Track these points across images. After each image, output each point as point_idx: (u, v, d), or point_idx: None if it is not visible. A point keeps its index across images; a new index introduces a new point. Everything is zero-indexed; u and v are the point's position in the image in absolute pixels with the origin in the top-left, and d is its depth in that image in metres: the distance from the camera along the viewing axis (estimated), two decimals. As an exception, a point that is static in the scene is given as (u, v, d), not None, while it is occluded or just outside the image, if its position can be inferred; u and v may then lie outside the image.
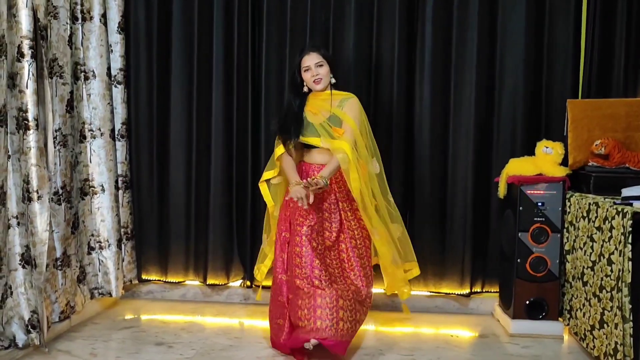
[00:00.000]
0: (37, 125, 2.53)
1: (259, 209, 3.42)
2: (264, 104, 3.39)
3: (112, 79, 3.25)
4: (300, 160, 2.93)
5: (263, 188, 2.96)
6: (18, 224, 2.56)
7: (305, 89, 2.88)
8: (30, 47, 2.49)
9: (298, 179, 2.74)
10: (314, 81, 2.82)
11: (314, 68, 2.80)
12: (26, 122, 2.51)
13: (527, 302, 3.00)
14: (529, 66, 3.27)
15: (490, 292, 3.40)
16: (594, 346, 2.60)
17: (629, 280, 2.26)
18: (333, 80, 2.86)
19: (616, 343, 2.36)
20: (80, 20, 3.00)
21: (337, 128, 2.79)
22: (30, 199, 2.54)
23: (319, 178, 2.64)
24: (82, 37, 3.03)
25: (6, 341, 2.55)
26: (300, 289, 2.60)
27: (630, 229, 2.26)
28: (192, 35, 3.41)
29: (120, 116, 3.33)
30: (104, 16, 3.13)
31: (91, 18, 3.07)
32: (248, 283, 3.52)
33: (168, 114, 3.46)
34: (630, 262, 2.26)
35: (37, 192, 2.54)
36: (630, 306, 2.27)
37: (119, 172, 3.32)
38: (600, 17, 3.18)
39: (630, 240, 2.26)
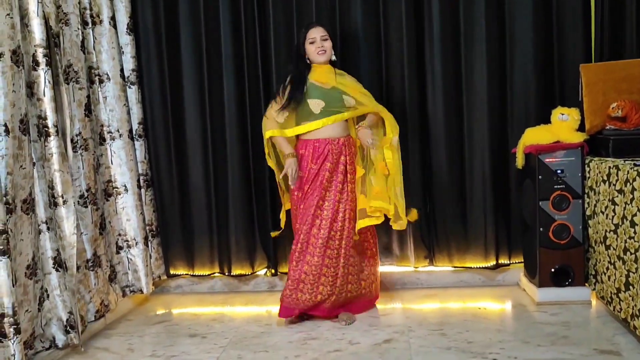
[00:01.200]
0: (57, 132, 2.59)
1: (277, 197, 3.46)
2: (274, 90, 3.40)
3: (126, 80, 3.30)
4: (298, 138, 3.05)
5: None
6: (48, 228, 2.63)
7: (307, 61, 3.01)
8: (45, 55, 2.53)
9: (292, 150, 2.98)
10: (317, 52, 2.95)
11: (320, 41, 2.94)
12: (46, 129, 2.56)
13: (553, 269, 3.01)
14: (538, 33, 3.25)
15: (515, 263, 3.42)
16: (621, 309, 2.61)
17: (654, 240, 2.26)
18: (334, 57, 3.01)
19: (643, 304, 2.37)
20: (90, 25, 3.05)
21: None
22: (56, 204, 2.60)
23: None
24: (94, 41, 3.08)
25: (47, 342, 2.64)
26: None
27: (652, 189, 2.26)
28: (200, 29, 3.43)
29: (137, 116, 3.37)
30: (112, 19, 3.17)
31: (101, 21, 3.11)
32: (272, 271, 3.57)
33: (182, 110, 3.50)
34: (653, 223, 2.26)
35: (62, 197, 2.60)
36: (657, 266, 2.28)
37: (140, 171, 3.38)
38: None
39: (653, 200, 2.26)
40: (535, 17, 3.24)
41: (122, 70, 3.24)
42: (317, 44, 2.95)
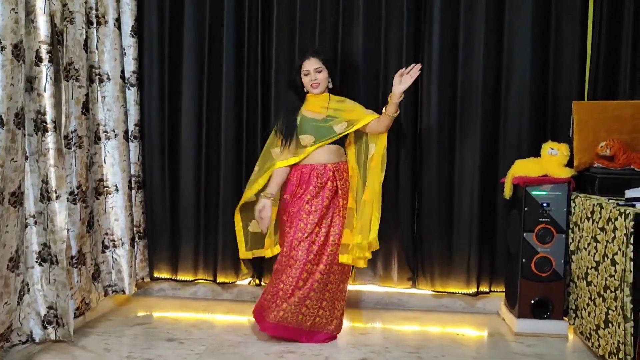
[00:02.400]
0: (55, 127, 2.61)
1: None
2: (273, 107, 3.45)
3: (126, 81, 3.33)
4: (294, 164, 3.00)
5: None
6: (35, 222, 2.65)
7: (306, 90, 3.03)
8: (48, 52, 2.57)
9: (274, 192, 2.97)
10: (311, 85, 2.95)
11: (313, 73, 2.93)
12: (45, 124, 2.59)
13: (532, 301, 3.04)
14: (535, 68, 3.31)
15: (497, 291, 3.44)
16: (599, 345, 2.63)
17: (631, 280, 2.29)
18: (330, 85, 3.01)
19: (619, 342, 2.40)
20: (95, 25, 3.09)
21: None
22: (49, 199, 2.62)
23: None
24: (97, 41, 3.12)
25: (24, 336, 2.64)
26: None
27: (632, 230, 2.30)
28: (203, 38, 3.48)
29: (134, 118, 3.41)
30: (117, 20, 3.22)
31: (106, 22, 3.15)
32: (257, 281, 3.59)
33: (179, 115, 3.54)
34: (632, 263, 2.29)
35: (56, 192, 2.62)
36: (632, 306, 2.31)
37: (132, 172, 3.40)
38: (606, 19, 3.21)
39: (632, 240, 2.30)
40: (534, 50, 3.30)
41: (122, 71, 3.27)
42: (311, 77, 2.94)
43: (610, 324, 2.52)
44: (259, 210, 2.92)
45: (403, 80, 2.84)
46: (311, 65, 2.94)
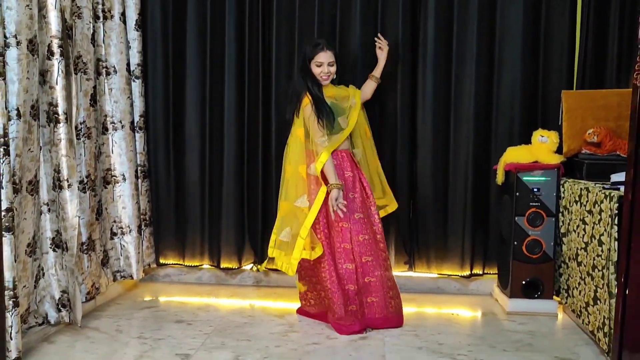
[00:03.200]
0: (66, 119, 2.72)
1: (269, 197, 3.62)
2: (274, 97, 3.56)
3: (131, 73, 3.43)
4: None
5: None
6: (49, 210, 2.77)
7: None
8: (60, 46, 2.67)
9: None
10: (322, 77, 3.03)
11: (326, 66, 3.01)
12: (56, 115, 2.70)
13: (524, 282, 3.18)
14: (526, 58, 3.43)
15: (490, 273, 3.59)
16: (589, 322, 2.78)
17: (615, 259, 2.44)
18: (334, 77, 3.10)
19: (604, 317, 2.55)
20: (101, 19, 3.18)
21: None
22: (61, 187, 2.74)
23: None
24: (104, 35, 3.22)
25: (40, 318, 2.77)
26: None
27: (617, 211, 2.44)
28: (205, 31, 3.58)
29: (139, 109, 3.51)
30: (123, 14, 3.31)
31: (112, 16, 3.25)
32: (259, 267, 3.72)
33: (183, 106, 3.64)
34: (616, 242, 2.43)
35: (67, 181, 2.74)
36: (616, 283, 2.45)
37: (138, 162, 3.51)
38: (594, 10, 3.32)
39: (616, 221, 2.44)
40: (524, 41, 3.42)
41: (128, 64, 3.37)
42: (324, 69, 3.00)
43: (598, 301, 2.66)
44: (335, 199, 2.87)
45: (383, 49, 3.21)
46: (326, 57, 3.00)
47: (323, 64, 3.00)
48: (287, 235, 3.00)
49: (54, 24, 2.65)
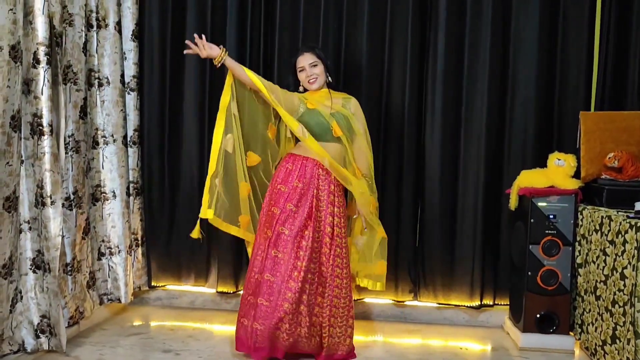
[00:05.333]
0: (51, 131, 2.56)
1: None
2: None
3: (126, 85, 3.28)
4: (289, 153, 2.85)
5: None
6: (30, 228, 2.58)
7: (301, 89, 2.88)
8: (46, 54, 2.51)
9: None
10: (309, 81, 2.82)
11: (308, 68, 2.80)
12: (41, 127, 2.53)
13: (538, 315, 2.97)
14: (541, 78, 3.26)
15: (501, 304, 3.38)
16: (606, 361, 2.57)
17: (642, 295, 2.23)
18: (330, 80, 2.87)
19: (628, 358, 2.33)
20: (95, 28, 3.04)
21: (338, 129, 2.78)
22: (43, 204, 2.56)
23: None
24: (97, 45, 3.07)
25: (15, 345, 2.57)
26: None
27: (644, 243, 2.24)
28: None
29: (133, 123, 3.35)
30: (118, 24, 3.17)
31: (106, 25, 3.10)
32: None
33: (180, 121, 3.48)
34: (643, 277, 2.23)
35: (51, 197, 2.56)
36: (643, 322, 2.24)
37: (131, 178, 3.34)
38: (614, 29, 3.18)
39: (643, 254, 2.24)
40: (540, 59, 3.26)
41: (122, 75, 3.22)
42: (307, 72, 2.80)
43: (617, 340, 2.45)
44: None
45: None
46: (305, 60, 2.80)
47: (304, 68, 2.80)
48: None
49: (40, 30, 2.49)
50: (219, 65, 2.70)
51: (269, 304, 2.59)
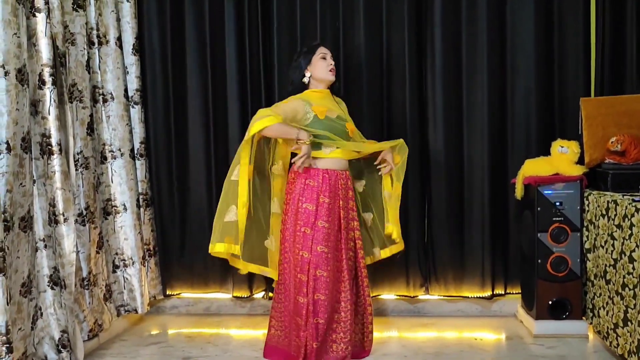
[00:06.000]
0: (60, 150, 2.61)
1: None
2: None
3: (130, 99, 3.32)
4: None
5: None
6: (45, 246, 2.63)
7: (306, 80, 2.78)
8: (51, 75, 2.56)
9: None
10: (329, 70, 2.75)
11: (330, 59, 2.77)
12: (50, 147, 2.58)
13: (550, 302, 3.00)
14: (539, 66, 3.28)
15: (512, 293, 3.41)
16: (618, 344, 2.59)
17: (651, 277, 2.26)
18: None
19: (639, 340, 2.36)
20: (96, 45, 3.08)
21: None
22: (57, 222, 2.61)
23: None
24: (99, 61, 3.11)
25: (39, 361, 2.62)
26: None
27: (650, 226, 2.26)
28: (205, 52, 3.47)
29: (139, 135, 3.40)
30: (119, 39, 3.21)
31: (107, 42, 3.14)
32: (270, 294, 3.56)
33: (186, 131, 3.53)
34: (651, 259, 2.26)
35: (63, 215, 2.61)
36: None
37: (140, 190, 3.39)
38: (609, 12, 3.19)
39: (650, 237, 2.26)
40: (537, 48, 3.28)
41: (126, 90, 3.26)
42: (329, 62, 2.75)
43: (629, 322, 2.48)
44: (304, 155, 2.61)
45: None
46: (328, 51, 2.78)
47: (327, 55, 2.76)
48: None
49: (44, 52, 2.54)
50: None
51: (324, 321, 2.61)
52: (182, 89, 3.52)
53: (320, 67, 2.75)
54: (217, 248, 2.67)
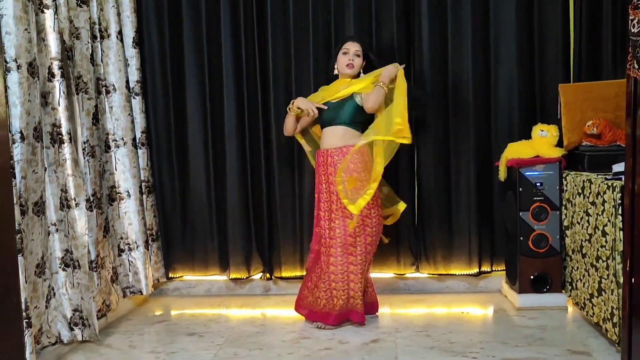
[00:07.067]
0: (70, 139, 2.75)
1: (273, 206, 3.64)
2: (272, 104, 3.59)
3: (131, 91, 3.46)
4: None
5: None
6: (57, 230, 2.79)
7: (336, 72, 3.14)
8: (60, 67, 2.71)
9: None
10: (346, 65, 3.06)
11: (352, 54, 3.06)
12: (60, 136, 2.73)
13: (532, 277, 3.19)
14: (521, 55, 3.45)
15: (498, 270, 3.60)
16: (593, 313, 2.79)
17: (621, 248, 2.44)
18: (362, 75, 3.10)
19: (612, 308, 2.55)
20: (99, 39, 3.22)
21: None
22: (69, 206, 2.77)
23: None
24: (102, 54, 3.25)
25: (52, 338, 2.78)
26: None
27: (620, 201, 2.45)
28: (202, 45, 3.61)
29: (140, 125, 3.54)
30: (120, 33, 3.34)
31: (109, 35, 3.28)
32: (268, 275, 3.73)
33: (184, 120, 3.67)
34: (621, 232, 2.44)
35: (75, 200, 2.77)
36: (622, 272, 2.45)
37: (142, 178, 3.54)
38: (587, 3, 3.35)
39: (620, 211, 2.45)
40: (518, 38, 3.45)
41: (127, 81, 3.40)
42: (349, 57, 3.05)
43: (603, 292, 2.67)
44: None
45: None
46: (353, 46, 3.07)
47: (349, 51, 3.06)
48: None
49: (53, 46, 2.68)
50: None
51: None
52: (180, 81, 3.66)
53: (339, 62, 3.10)
54: None
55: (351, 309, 3.02)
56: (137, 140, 3.53)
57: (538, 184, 3.17)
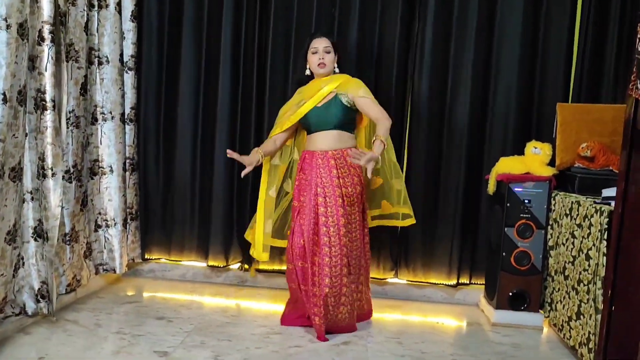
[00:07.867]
0: (54, 106, 2.68)
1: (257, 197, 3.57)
2: (268, 94, 3.53)
3: (124, 64, 3.39)
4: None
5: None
6: (32, 198, 2.71)
7: (308, 72, 2.96)
8: (51, 32, 2.63)
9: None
10: (318, 65, 2.88)
11: (321, 52, 2.88)
12: (44, 102, 2.65)
13: (510, 293, 3.16)
14: (522, 69, 3.41)
15: (477, 284, 3.56)
16: (570, 336, 2.76)
17: (603, 274, 2.41)
18: (337, 70, 2.96)
19: (589, 332, 2.52)
20: (96, 8, 3.14)
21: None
22: (45, 176, 2.69)
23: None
24: (98, 24, 3.17)
25: (17, 308, 2.71)
26: None
27: (607, 226, 2.41)
28: (202, 26, 3.54)
29: (130, 101, 3.47)
30: (119, 4, 3.27)
31: (107, 6, 3.20)
32: (246, 266, 3.67)
33: (176, 101, 3.60)
34: (604, 257, 2.41)
35: (52, 170, 2.69)
36: (602, 298, 2.42)
37: (127, 154, 3.47)
38: (592, 25, 3.33)
39: (605, 236, 2.41)
40: (521, 53, 3.40)
41: (121, 55, 3.33)
42: (319, 55, 2.87)
43: (582, 316, 2.64)
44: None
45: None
46: (321, 43, 2.87)
47: (318, 50, 2.87)
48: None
49: (46, 9, 2.60)
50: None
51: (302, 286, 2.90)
52: (176, 60, 3.59)
53: (311, 63, 2.93)
54: None
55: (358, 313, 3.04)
56: (126, 116, 3.45)
57: (526, 201, 3.13)
